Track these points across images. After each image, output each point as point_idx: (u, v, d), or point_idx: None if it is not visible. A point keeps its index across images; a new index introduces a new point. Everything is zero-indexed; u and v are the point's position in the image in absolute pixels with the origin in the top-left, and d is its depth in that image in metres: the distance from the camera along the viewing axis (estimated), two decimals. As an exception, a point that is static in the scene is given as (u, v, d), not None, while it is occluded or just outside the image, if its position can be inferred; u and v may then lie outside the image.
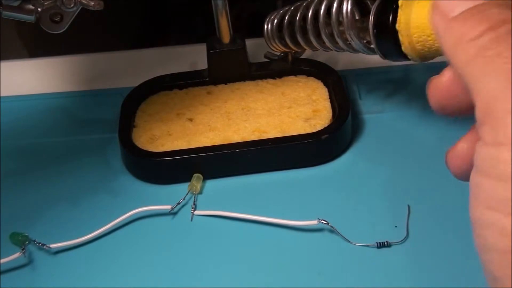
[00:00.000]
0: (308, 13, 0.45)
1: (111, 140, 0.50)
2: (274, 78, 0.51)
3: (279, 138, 0.46)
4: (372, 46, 0.41)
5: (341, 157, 0.47)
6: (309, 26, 0.45)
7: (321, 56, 0.53)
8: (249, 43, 0.52)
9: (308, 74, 0.51)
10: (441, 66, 0.54)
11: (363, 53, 0.44)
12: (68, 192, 0.47)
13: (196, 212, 0.44)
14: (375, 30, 0.40)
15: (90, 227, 0.44)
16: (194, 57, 0.56)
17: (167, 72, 0.53)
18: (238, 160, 0.46)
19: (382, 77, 0.53)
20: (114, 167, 0.48)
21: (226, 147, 0.46)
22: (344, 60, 0.55)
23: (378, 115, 0.50)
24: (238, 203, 0.44)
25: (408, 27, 0.36)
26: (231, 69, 0.51)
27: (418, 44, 0.36)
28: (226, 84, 0.52)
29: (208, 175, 0.46)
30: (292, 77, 0.51)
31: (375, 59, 0.54)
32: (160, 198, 0.46)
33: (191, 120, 0.49)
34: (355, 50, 0.44)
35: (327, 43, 0.45)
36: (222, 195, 0.45)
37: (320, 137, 0.46)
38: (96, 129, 0.52)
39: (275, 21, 0.48)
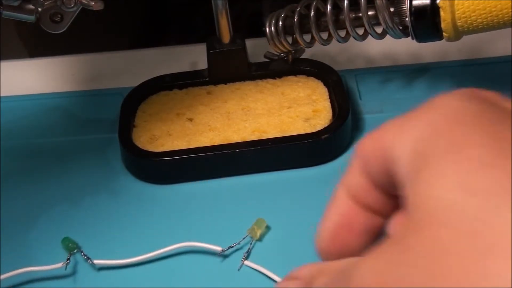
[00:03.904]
0: (327, 4, 0.46)
1: (111, 140, 0.50)
2: (274, 78, 0.51)
3: (279, 138, 0.46)
4: (401, 27, 0.42)
5: (341, 157, 0.47)
6: (328, 15, 0.46)
7: (321, 56, 0.53)
8: (249, 43, 0.52)
9: (308, 74, 0.51)
10: (440, 67, 0.55)
11: (392, 36, 0.44)
12: (68, 192, 0.47)
13: (246, 262, 0.40)
14: (413, 9, 0.41)
15: (90, 227, 0.44)
16: (194, 57, 0.56)
17: (167, 72, 0.53)
18: (238, 160, 0.46)
19: (382, 77, 0.53)
20: (114, 167, 0.48)
21: (226, 147, 0.46)
22: (344, 60, 0.55)
23: (378, 115, 0.50)
24: (238, 203, 0.44)
25: (452, 3, 0.39)
26: (231, 69, 0.51)
27: (460, 21, 0.39)
28: (226, 84, 0.52)
29: (208, 175, 0.46)
30: (292, 77, 0.51)
31: (375, 59, 0.54)
32: (160, 198, 0.46)
33: (191, 120, 0.49)
34: (379, 35, 0.45)
35: (350, 31, 0.46)
36: (222, 195, 0.45)
37: (320, 137, 0.46)
38: (96, 129, 0.51)
39: (280, 20, 0.48)
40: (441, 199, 0.23)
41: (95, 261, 0.41)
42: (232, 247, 0.40)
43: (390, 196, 0.32)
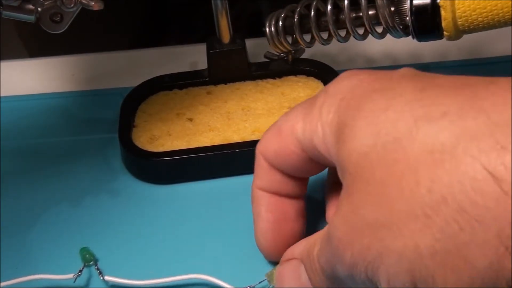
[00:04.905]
0: (327, 4, 0.46)
1: (111, 140, 0.50)
2: (274, 78, 0.51)
3: (279, 138, 0.46)
4: (401, 27, 0.43)
5: (341, 157, 0.47)
6: (329, 15, 0.46)
7: (321, 56, 0.53)
8: (249, 43, 0.52)
9: (308, 74, 0.51)
10: (440, 67, 0.55)
11: (392, 35, 0.44)
12: (67, 192, 0.47)
13: None
14: (413, 8, 0.41)
15: (90, 227, 0.44)
16: (194, 57, 0.56)
17: (167, 72, 0.53)
18: (238, 160, 0.46)
19: (382, 77, 0.53)
20: (114, 167, 0.48)
21: (226, 147, 0.46)
22: (344, 60, 0.55)
23: (378, 115, 0.49)
24: (239, 203, 0.44)
25: (453, 3, 0.39)
26: (231, 69, 0.51)
27: (460, 20, 0.39)
28: (226, 84, 0.52)
29: (208, 175, 0.46)
30: (292, 77, 0.51)
31: (375, 59, 0.54)
32: (160, 199, 0.46)
33: (191, 120, 0.49)
34: (380, 35, 0.45)
35: (350, 30, 0.46)
36: (222, 195, 0.45)
37: (320, 137, 0.46)
38: (96, 129, 0.51)
39: (280, 20, 0.48)
40: (362, 147, 0.29)
41: (106, 278, 0.40)
42: None
43: (299, 179, 0.37)
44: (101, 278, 0.40)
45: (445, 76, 0.30)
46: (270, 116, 0.48)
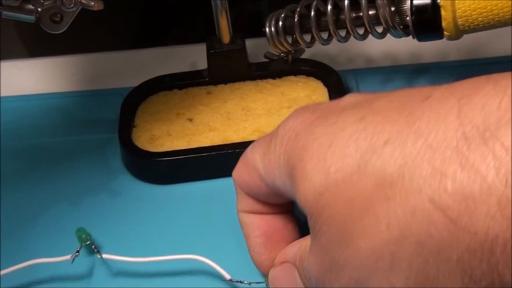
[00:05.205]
0: (328, 4, 0.46)
1: (111, 140, 0.50)
2: (274, 78, 0.51)
3: (279, 138, 0.46)
4: (402, 26, 0.43)
5: (341, 157, 0.47)
6: (329, 15, 0.46)
7: (321, 56, 0.53)
8: (249, 43, 0.52)
9: (308, 74, 0.51)
10: (440, 67, 0.55)
11: (392, 35, 0.44)
12: (67, 192, 0.47)
13: None
14: (414, 8, 0.41)
15: (89, 227, 0.44)
16: (194, 57, 0.56)
17: (167, 72, 0.53)
18: (238, 160, 0.46)
19: (382, 77, 0.53)
20: (114, 167, 0.48)
21: (226, 147, 0.46)
22: (344, 60, 0.55)
23: (378, 115, 0.49)
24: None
25: (453, 2, 0.39)
26: (231, 69, 0.51)
27: (461, 19, 0.40)
28: (226, 84, 0.52)
29: (208, 176, 0.46)
30: (292, 77, 0.51)
31: (375, 59, 0.54)
32: (160, 199, 0.46)
33: (190, 120, 0.49)
34: (380, 35, 0.45)
35: (350, 30, 0.46)
36: (222, 195, 0.45)
37: (320, 137, 0.46)
38: (96, 129, 0.51)
39: (280, 20, 0.48)
40: (315, 188, 0.28)
41: (104, 256, 0.41)
42: (241, 282, 0.39)
43: (275, 197, 0.37)
44: (99, 256, 0.41)
45: (385, 96, 0.29)
46: (270, 116, 0.48)
